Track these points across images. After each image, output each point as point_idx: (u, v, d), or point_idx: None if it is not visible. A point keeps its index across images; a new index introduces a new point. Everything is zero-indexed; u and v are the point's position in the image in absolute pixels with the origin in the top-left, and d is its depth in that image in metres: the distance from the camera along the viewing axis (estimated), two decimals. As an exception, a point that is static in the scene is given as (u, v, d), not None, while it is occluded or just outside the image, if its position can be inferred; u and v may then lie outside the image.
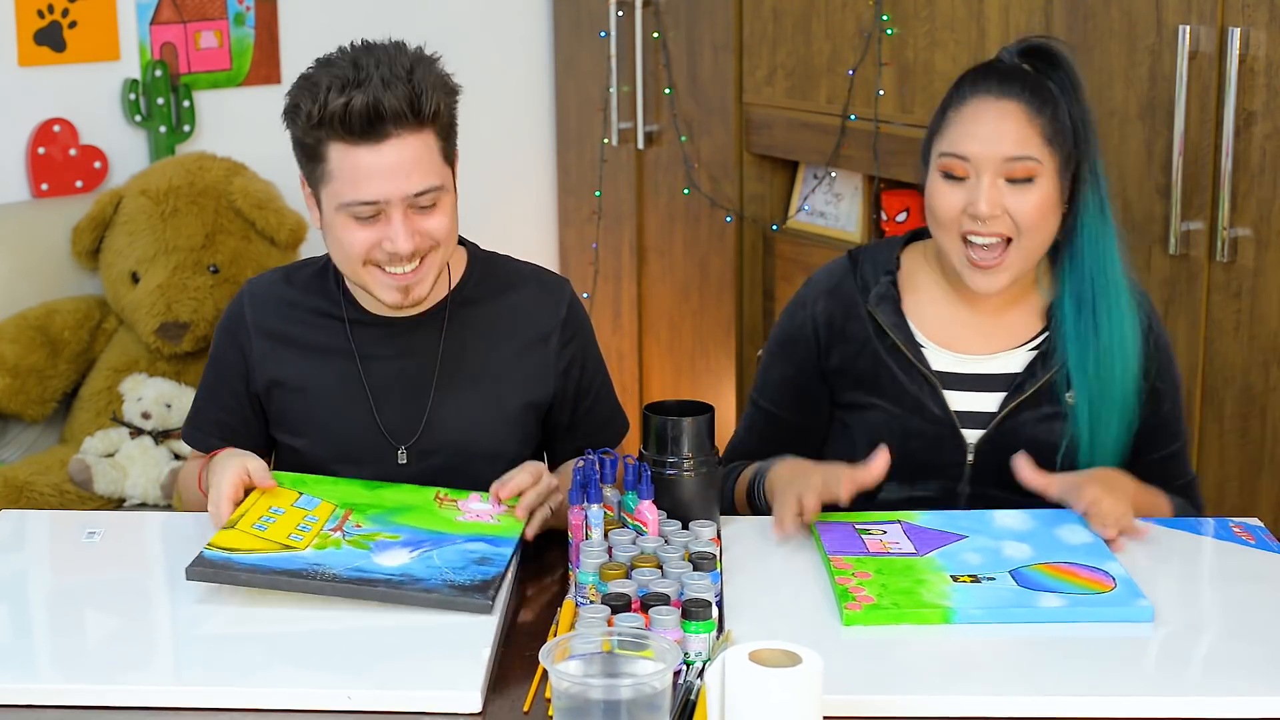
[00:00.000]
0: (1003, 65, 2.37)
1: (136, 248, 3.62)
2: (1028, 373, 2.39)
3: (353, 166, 2.22)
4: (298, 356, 2.41)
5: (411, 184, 2.23)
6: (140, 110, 3.89)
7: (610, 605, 1.88)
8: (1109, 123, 3.04)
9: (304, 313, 2.42)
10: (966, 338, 2.42)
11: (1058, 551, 2.14)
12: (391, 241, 2.24)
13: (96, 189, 3.85)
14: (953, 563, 2.12)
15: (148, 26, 3.91)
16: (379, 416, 2.39)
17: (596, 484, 2.12)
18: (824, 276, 2.49)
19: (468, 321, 2.42)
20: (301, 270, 2.47)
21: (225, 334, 2.46)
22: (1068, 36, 3.09)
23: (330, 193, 2.26)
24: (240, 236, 3.67)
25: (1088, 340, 2.36)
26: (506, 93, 4.50)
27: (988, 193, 2.29)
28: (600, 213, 4.38)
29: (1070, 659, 1.92)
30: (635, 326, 4.36)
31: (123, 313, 3.66)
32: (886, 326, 2.40)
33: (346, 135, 2.21)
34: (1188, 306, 2.96)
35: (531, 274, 2.50)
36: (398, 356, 2.40)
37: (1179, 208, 2.93)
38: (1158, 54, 2.95)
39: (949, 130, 2.34)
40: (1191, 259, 2.95)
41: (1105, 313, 2.36)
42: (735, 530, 2.27)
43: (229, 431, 2.45)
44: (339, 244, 2.29)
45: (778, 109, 3.82)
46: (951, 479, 2.39)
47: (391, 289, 2.29)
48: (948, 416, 2.39)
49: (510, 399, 2.42)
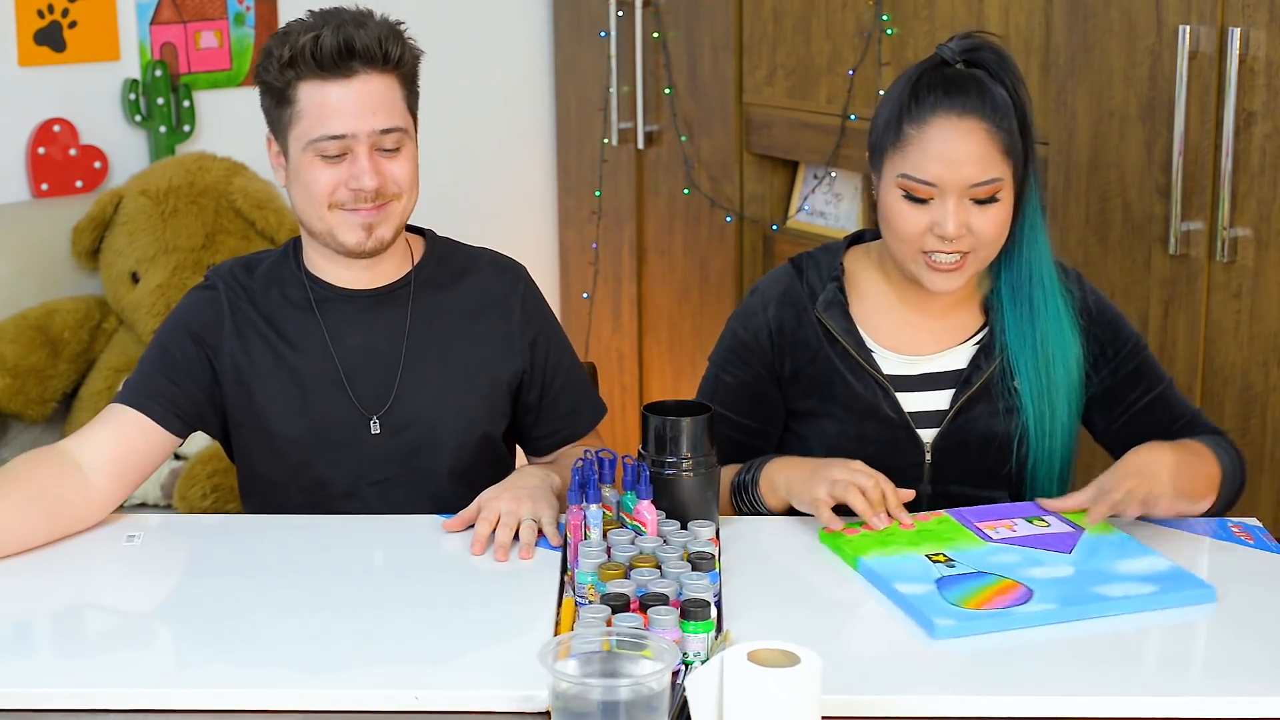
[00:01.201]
0: (955, 73, 2.33)
1: (136, 248, 3.62)
2: (973, 366, 2.40)
3: (321, 102, 2.31)
4: (266, 343, 2.42)
5: (378, 120, 2.32)
6: (140, 110, 3.89)
7: (609, 605, 1.88)
8: (1109, 123, 3.04)
9: (269, 299, 2.44)
10: (913, 338, 2.43)
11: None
12: (357, 179, 2.32)
13: (96, 189, 3.85)
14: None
15: (148, 26, 3.91)
16: (350, 389, 2.40)
17: (595, 484, 2.13)
18: (770, 284, 2.49)
19: (431, 304, 2.45)
20: (262, 260, 2.50)
21: (193, 315, 2.43)
22: (1068, 36, 3.09)
23: (298, 133, 2.33)
24: (240, 236, 3.67)
25: (1025, 328, 2.38)
26: (506, 92, 4.50)
27: (954, 214, 2.28)
28: (600, 213, 4.38)
29: (1066, 659, 1.92)
30: (635, 327, 4.36)
31: (123, 313, 3.66)
32: (836, 332, 2.40)
33: (317, 71, 2.30)
34: (1188, 306, 2.96)
35: (487, 256, 2.55)
36: (366, 331, 2.43)
37: (1179, 208, 2.93)
38: (1158, 54, 2.95)
39: (910, 151, 2.30)
40: (1191, 259, 2.95)
41: (1041, 299, 2.38)
42: (734, 530, 2.27)
43: (166, 399, 2.39)
44: (305, 188, 2.35)
45: (778, 109, 3.82)
46: (912, 480, 2.39)
47: (356, 227, 2.35)
48: (902, 418, 2.40)
49: (478, 374, 2.45)
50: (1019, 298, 2.39)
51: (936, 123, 2.29)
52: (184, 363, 2.40)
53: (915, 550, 2.15)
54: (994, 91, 2.30)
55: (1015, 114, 2.31)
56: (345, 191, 2.33)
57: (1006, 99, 2.31)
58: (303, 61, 2.30)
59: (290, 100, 2.33)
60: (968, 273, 2.34)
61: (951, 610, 1.99)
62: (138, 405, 2.37)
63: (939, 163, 2.28)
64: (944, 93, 2.30)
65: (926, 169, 2.29)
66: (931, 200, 2.29)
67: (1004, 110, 2.30)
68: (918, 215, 2.30)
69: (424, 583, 2.14)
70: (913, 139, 2.30)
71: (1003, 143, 2.29)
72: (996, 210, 2.30)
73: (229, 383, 2.42)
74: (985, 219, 2.30)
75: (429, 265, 2.48)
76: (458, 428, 2.43)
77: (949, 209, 2.28)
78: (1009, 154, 2.30)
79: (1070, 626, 1.98)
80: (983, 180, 2.28)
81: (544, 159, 4.59)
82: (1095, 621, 2.00)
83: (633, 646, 1.73)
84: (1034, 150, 2.36)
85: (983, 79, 2.32)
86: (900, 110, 2.32)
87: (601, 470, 2.16)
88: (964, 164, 2.27)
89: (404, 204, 2.38)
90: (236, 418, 2.44)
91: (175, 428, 2.39)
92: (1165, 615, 2.02)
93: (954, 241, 2.29)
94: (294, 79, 2.32)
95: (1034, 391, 2.38)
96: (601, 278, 4.43)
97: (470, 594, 2.11)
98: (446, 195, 4.16)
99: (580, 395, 2.56)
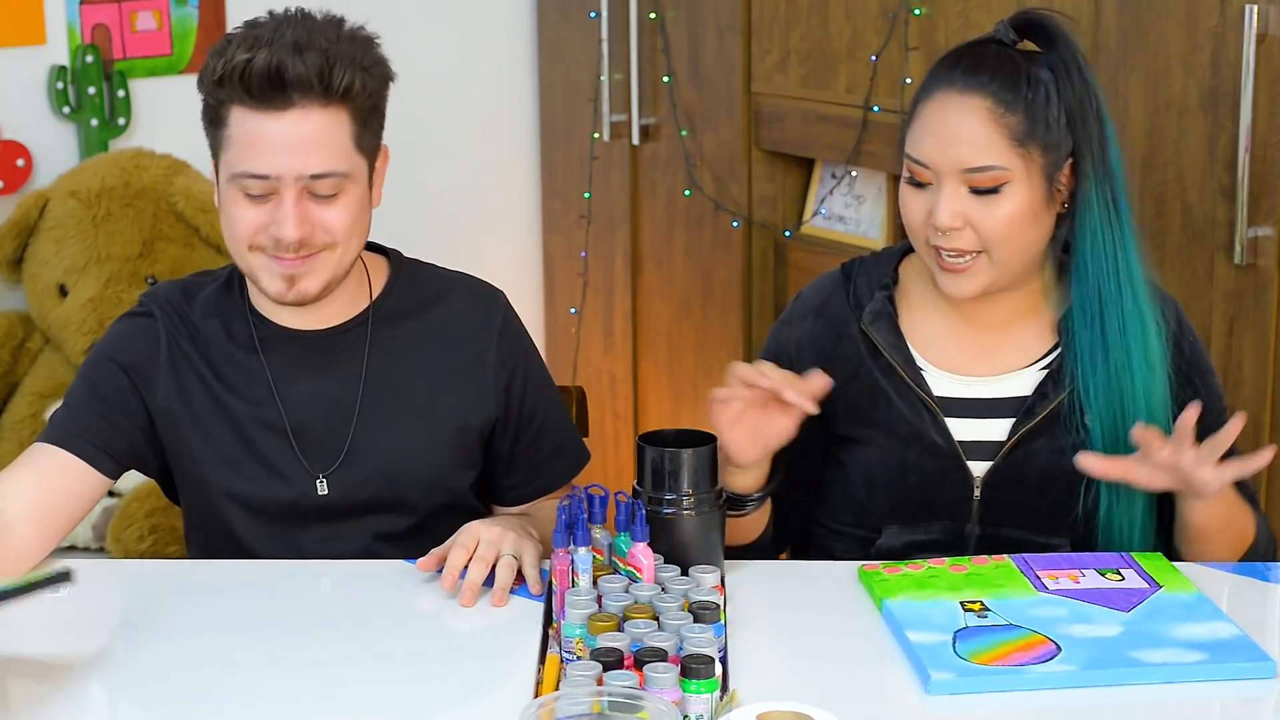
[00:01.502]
0: (979, 49, 2.34)
1: (65, 257, 3.63)
2: (1038, 395, 2.39)
3: (247, 134, 2.27)
4: (204, 384, 2.41)
5: (310, 164, 2.27)
6: (69, 101, 3.90)
7: (600, 661, 1.88)
8: (1165, 115, 3.05)
9: (208, 333, 2.43)
10: (969, 358, 2.42)
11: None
12: (278, 226, 2.27)
13: (19, 190, 3.85)
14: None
15: (77, 6, 3.92)
16: (295, 442, 2.40)
17: (584, 524, 2.12)
18: (813, 292, 2.51)
19: (393, 337, 2.44)
20: (203, 284, 2.47)
21: (125, 344, 2.43)
22: (1119, 18, 3.10)
23: (225, 161, 2.31)
24: (182, 244, 3.68)
25: (1098, 356, 2.36)
26: (483, 81, 4.51)
27: (948, 202, 2.30)
28: (590, 217, 4.39)
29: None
30: (630, 346, 4.36)
31: (49, 330, 3.67)
32: (883, 347, 2.41)
33: (246, 98, 2.26)
34: (1255, 322, 2.97)
35: (461, 282, 2.53)
36: (316, 377, 2.41)
37: (1245, 211, 2.93)
38: (1221, 37, 2.96)
39: (914, 127, 2.34)
40: (1260, 269, 2.95)
41: (1117, 325, 2.35)
42: (741, 576, 2.27)
43: (96, 436, 2.39)
44: (228, 222, 2.33)
45: (791, 99, 3.83)
46: (958, 519, 2.39)
47: (276, 276, 2.31)
48: (951, 447, 2.39)
49: (443, 422, 2.43)
50: (1089, 319, 2.36)
51: (938, 97, 2.32)
52: (115, 397, 2.40)
53: (953, 596, 2.16)
54: (1019, 71, 2.30)
55: (1058, 97, 2.30)
56: (266, 236, 2.29)
57: (1036, 79, 2.30)
58: (231, 84, 2.26)
59: (221, 122, 2.30)
60: (982, 277, 2.33)
61: (955, 664, 1.99)
62: (64, 444, 2.36)
63: (933, 140, 2.30)
64: (956, 67, 2.32)
65: (920, 146, 2.32)
66: (930, 185, 2.32)
67: (1022, 91, 2.29)
68: (918, 201, 2.33)
69: (388, 636, 2.14)
70: (918, 115, 2.34)
71: (1013, 128, 2.28)
72: (1002, 204, 2.30)
73: (163, 424, 2.41)
74: (986, 213, 2.30)
75: (391, 295, 2.46)
76: (420, 484, 2.41)
77: (943, 195, 2.30)
78: (1022, 142, 2.29)
79: (1115, 691, 1.97)
80: (978, 166, 2.28)
81: (526, 156, 4.60)
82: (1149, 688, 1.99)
83: (627, 709, 1.74)
84: (1100, 143, 2.33)
85: (1013, 57, 2.32)
86: (920, 88, 2.36)
87: (591, 509, 2.16)
88: (958, 144, 2.29)
89: (339, 254, 2.32)
90: (173, 461, 2.44)
91: (107, 468, 2.37)
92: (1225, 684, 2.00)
93: (951, 235, 2.30)
94: (225, 100, 2.29)
95: (1105, 428, 2.35)
96: (591, 290, 4.43)
97: (440, 649, 2.11)
98: (413, 199, 4.16)
99: (560, 441, 2.55)
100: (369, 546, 2.42)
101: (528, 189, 4.62)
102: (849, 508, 2.46)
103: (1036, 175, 2.31)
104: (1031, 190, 2.31)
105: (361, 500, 2.41)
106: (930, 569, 2.22)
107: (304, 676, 2.03)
